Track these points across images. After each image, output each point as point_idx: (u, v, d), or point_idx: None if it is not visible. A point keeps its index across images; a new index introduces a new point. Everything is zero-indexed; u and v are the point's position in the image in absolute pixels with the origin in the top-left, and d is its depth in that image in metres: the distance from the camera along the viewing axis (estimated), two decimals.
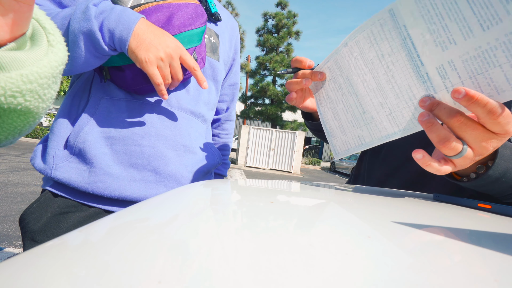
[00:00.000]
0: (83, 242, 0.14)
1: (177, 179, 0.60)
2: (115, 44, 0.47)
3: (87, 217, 0.54)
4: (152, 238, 0.15)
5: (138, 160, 0.55)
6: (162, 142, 0.58)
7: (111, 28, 0.46)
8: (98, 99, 0.56)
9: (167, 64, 0.49)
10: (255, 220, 0.20)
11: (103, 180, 0.52)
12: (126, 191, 0.54)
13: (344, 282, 0.12)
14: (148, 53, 0.46)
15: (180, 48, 0.50)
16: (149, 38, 0.47)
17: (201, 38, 0.58)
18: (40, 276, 0.11)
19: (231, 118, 0.90)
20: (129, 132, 0.55)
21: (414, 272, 0.13)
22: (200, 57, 0.60)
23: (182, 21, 0.54)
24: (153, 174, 0.57)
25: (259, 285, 0.11)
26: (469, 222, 0.27)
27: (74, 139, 0.53)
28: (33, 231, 0.51)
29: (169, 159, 0.59)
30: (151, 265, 0.12)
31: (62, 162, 0.52)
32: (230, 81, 0.84)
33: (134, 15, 0.47)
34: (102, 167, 0.53)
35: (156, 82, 0.48)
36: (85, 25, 0.45)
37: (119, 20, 0.46)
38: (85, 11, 0.45)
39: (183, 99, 0.62)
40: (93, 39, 0.45)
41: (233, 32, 0.79)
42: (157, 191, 0.57)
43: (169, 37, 0.49)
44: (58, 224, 0.52)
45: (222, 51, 0.73)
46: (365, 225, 0.21)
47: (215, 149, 0.74)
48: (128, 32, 0.46)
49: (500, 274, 0.14)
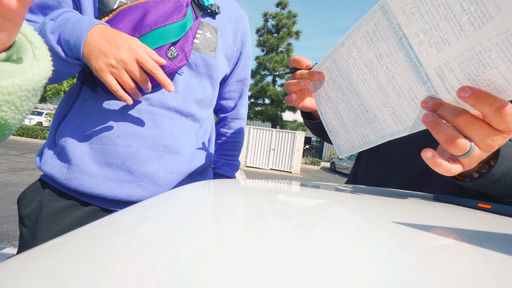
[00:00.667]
0: (83, 242, 0.14)
1: (152, 179, 0.59)
2: (73, 53, 0.48)
3: (66, 207, 0.57)
4: (152, 238, 0.15)
5: (113, 159, 0.56)
6: (138, 141, 0.58)
7: (66, 39, 0.47)
8: (84, 100, 0.58)
9: (122, 70, 0.49)
10: (255, 220, 0.20)
11: (78, 177, 0.55)
12: (99, 189, 0.55)
13: (344, 282, 0.12)
14: (98, 61, 0.47)
15: (134, 51, 0.49)
16: (99, 46, 0.47)
17: (180, 33, 0.56)
18: (40, 276, 0.11)
19: (240, 116, 0.84)
20: (106, 131, 0.56)
21: (414, 272, 0.13)
22: (183, 53, 0.58)
23: (155, 18, 0.54)
24: (127, 173, 0.57)
25: (260, 285, 0.11)
26: (469, 222, 0.27)
27: (59, 138, 0.56)
28: (23, 215, 0.56)
29: (145, 159, 0.58)
30: (151, 265, 0.12)
31: (50, 158, 0.57)
32: (238, 76, 0.79)
33: (87, 23, 0.48)
34: (79, 164, 0.55)
35: (112, 89, 0.49)
36: (44, 40, 0.47)
37: (72, 31, 0.47)
38: (42, 27, 0.48)
39: (167, 98, 0.61)
40: (54, 52, 0.47)
41: (239, 24, 0.74)
42: (131, 191, 0.57)
43: (124, 41, 0.49)
44: (41, 209, 0.56)
45: (223, 46, 0.69)
46: (365, 225, 0.21)
47: (207, 150, 0.72)
48: (80, 41, 0.47)
49: (500, 274, 0.14)
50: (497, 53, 0.28)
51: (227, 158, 0.84)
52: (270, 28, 13.50)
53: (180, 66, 0.59)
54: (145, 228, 0.17)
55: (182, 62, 0.59)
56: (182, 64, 0.59)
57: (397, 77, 0.36)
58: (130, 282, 0.10)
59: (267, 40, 13.02)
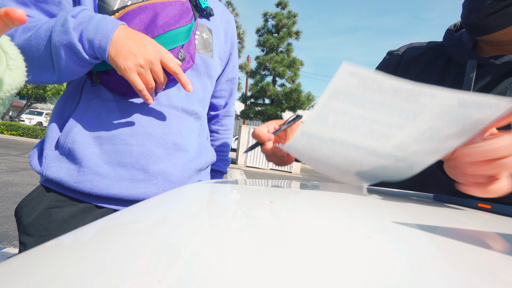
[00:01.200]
0: (83, 242, 0.14)
1: (166, 177, 0.60)
2: (96, 53, 0.48)
3: (78, 212, 0.55)
4: (152, 238, 0.15)
5: (127, 159, 0.56)
6: (151, 140, 0.58)
7: (90, 38, 0.47)
8: (88, 101, 0.57)
9: (148, 70, 0.49)
10: (255, 220, 0.20)
11: (91, 179, 0.53)
12: (114, 190, 0.55)
13: (344, 282, 0.12)
14: (127, 61, 0.47)
15: (160, 52, 0.50)
16: (127, 46, 0.47)
17: (188, 36, 0.58)
18: (40, 276, 0.11)
19: (230, 113, 0.89)
20: (117, 131, 0.56)
21: (414, 272, 0.13)
22: (189, 55, 0.60)
23: (166, 21, 0.54)
24: (142, 172, 0.57)
25: (260, 285, 0.11)
26: (469, 222, 0.27)
27: (64, 140, 0.54)
28: (26, 224, 0.53)
29: (158, 158, 0.59)
30: (152, 265, 0.12)
31: (53, 162, 0.54)
32: (228, 76, 0.83)
33: (112, 23, 0.48)
34: (91, 166, 0.54)
35: (137, 88, 0.49)
36: (64, 37, 0.46)
37: (97, 30, 0.47)
38: (64, 23, 0.46)
39: (174, 97, 0.62)
40: (74, 50, 0.47)
41: (229, 26, 0.78)
42: (146, 189, 0.57)
43: (149, 42, 0.50)
44: (49, 217, 0.53)
45: (217, 47, 0.72)
46: (365, 225, 0.21)
47: (209, 147, 0.74)
48: (106, 41, 0.47)
49: (500, 274, 0.14)
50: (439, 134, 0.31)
51: (220, 154, 0.89)
52: (270, 28, 13.49)
53: (188, 67, 0.61)
54: (145, 228, 0.17)
55: (189, 63, 0.61)
56: (190, 65, 0.61)
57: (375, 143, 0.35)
58: (130, 282, 0.10)
59: (267, 40, 13.01)
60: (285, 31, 13.15)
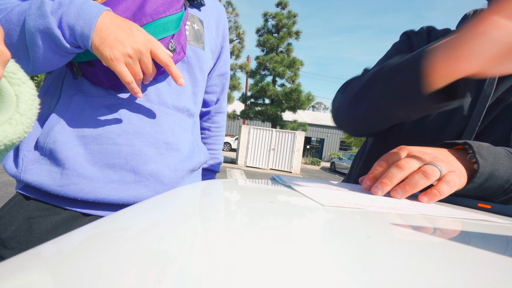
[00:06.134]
0: (82, 242, 0.14)
1: (158, 178, 0.55)
2: (78, 41, 0.43)
3: (62, 221, 0.50)
4: (152, 238, 0.15)
5: (115, 159, 0.51)
6: (141, 139, 0.53)
7: (71, 24, 0.41)
8: (70, 96, 0.51)
9: (136, 61, 0.45)
10: (255, 220, 0.20)
11: (76, 182, 0.48)
12: (102, 193, 0.50)
13: (344, 282, 0.12)
14: (114, 50, 0.42)
15: (149, 41, 0.46)
16: (113, 33, 0.43)
17: (178, 25, 0.53)
18: (40, 276, 0.11)
19: (222, 110, 0.84)
20: (104, 130, 0.51)
21: (413, 273, 0.13)
22: (180, 46, 0.55)
23: (155, 8, 0.50)
24: (132, 174, 0.53)
25: (260, 285, 0.11)
26: (469, 222, 0.27)
27: (44, 139, 0.49)
28: (4, 238, 0.47)
29: (149, 158, 0.54)
30: (151, 265, 0.12)
31: (32, 164, 0.48)
32: (220, 70, 0.78)
33: (96, 7, 0.43)
34: (75, 168, 0.48)
35: (125, 80, 0.45)
36: (41, 22, 0.41)
37: (79, 15, 0.42)
38: (40, 6, 0.41)
39: (164, 93, 0.57)
40: (53, 37, 0.41)
41: (220, 18, 0.72)
42: (137, 192, 0.53)
43: (137, 30, 0.45)
44: (30, 229, 0.48)
45: (208, 39, 0.67)
46: (365, 225, 0.21)
47: (202, 146, 0.71)
48: (89, 27, 0.42)
49: (500, 274, 0.14)
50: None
51: (211, 152, 0.84)
52: (270, 28, 13.48)
53: (179, 60, 0.56)
54: (145, 228, 0.17)
55: (180, 55, 0.56)
56: (181, 57, 0.56)
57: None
58: (129, 282, 0.10)
59: (267, 40, 13.01)
60: (285, 31, 13.14)
